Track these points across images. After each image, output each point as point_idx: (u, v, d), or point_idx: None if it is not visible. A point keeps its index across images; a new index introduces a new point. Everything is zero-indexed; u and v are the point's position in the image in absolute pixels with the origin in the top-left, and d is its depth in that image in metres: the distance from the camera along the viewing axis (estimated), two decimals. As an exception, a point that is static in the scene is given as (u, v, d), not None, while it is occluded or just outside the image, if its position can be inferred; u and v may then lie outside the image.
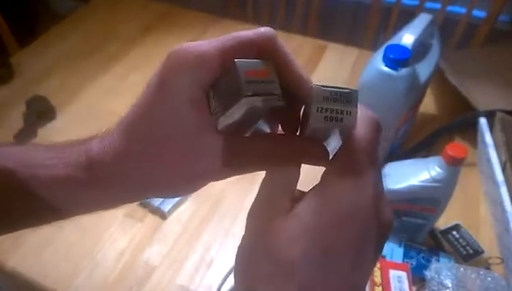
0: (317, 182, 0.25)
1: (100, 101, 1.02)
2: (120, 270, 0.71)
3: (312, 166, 0.26)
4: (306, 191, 0.25)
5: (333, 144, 0.26)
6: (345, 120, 0.23)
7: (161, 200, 0.79)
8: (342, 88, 0.23)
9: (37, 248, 0.74)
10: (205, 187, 0.27)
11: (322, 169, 0.25)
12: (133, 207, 0.80)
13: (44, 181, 0.27)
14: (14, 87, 1.07)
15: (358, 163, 0.24)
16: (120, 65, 1.12)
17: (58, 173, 0.27)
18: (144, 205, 0.80)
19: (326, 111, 0.23)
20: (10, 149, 0.29)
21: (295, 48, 1.16)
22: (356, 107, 0.23)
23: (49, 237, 0.76)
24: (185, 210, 0.80)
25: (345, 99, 0.23)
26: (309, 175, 0.28)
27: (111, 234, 0.76)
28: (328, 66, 1.11)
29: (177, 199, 0.80)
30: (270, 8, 1.50)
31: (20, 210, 0.28)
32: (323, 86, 0.23)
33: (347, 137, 0.24)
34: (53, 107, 0.99)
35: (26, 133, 0.93)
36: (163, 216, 0.79)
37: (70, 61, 1.14)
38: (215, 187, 0.82)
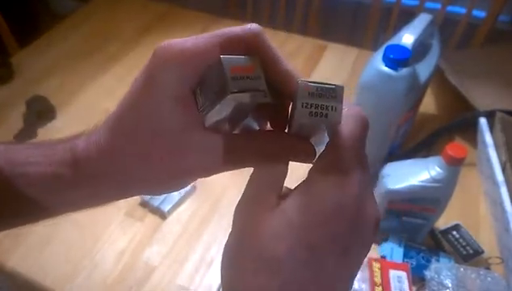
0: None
1: (100, 101, 1.02)
2: (120, 270, 0.71)
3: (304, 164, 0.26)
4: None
5: (323, 141, 0.26)
6: (330, 116, 0.23)
7: (161, 199, 0.79)
8: (328, 84, 0.23)
9: (37, 248, 0.74)
10: (205, 186, 0.27)
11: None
12: (133, 206, 0.80)
13: (30, 179, 0.26)
14: (14, 87, 1.07)
15: (343, 161, 0.23)
16: (120, 66, 1.12)
17: (44, 171, 0.26)
18: (144, 205, 0.80)
19: (311, 106, 0.23)
20: None
21: (295, 48, 1.16)
22: (341, 102, 0.23)
23: (49, 236, 0.76)
24: (185, 210, 0.80)
25: (330, 94, 0.23)
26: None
27: (111, 234, 0.76)
28: (328, 66, 1.11)
29: (177, 199, 0.80)
30: (270, 8, 1.50)
31: (7, 208, 0.28)
32: (309, 82, 0.23)
33: (334, 133, 0.24)
34: (53, 107, 0.99)
35: (26, 133, 0.93)
36: (163, 216, 0.78)
37: (70, 61, 1.14)
38: (215, 187, 0.82)
